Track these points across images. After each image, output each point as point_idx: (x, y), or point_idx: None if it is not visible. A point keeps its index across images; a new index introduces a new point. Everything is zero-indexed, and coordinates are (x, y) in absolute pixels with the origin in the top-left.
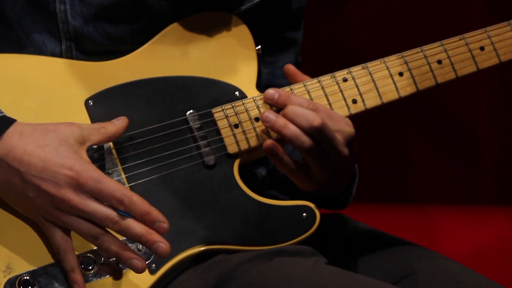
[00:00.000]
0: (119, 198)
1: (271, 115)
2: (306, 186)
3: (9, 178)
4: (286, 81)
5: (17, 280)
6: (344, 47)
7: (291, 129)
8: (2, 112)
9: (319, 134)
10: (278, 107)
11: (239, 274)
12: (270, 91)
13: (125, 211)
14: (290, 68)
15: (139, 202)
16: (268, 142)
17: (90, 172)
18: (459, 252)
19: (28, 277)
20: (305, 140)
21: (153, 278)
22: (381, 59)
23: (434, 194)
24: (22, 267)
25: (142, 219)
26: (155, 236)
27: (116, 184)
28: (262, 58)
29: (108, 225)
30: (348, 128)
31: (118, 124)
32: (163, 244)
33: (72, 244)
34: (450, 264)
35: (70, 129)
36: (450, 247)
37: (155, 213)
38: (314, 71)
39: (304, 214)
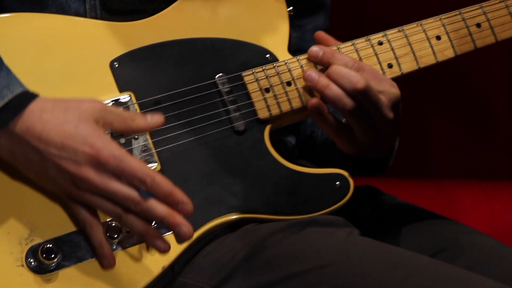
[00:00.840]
0: (141, 177)
1: (313, 73)
2: (348, 148)
3: (28, 156)
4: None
5: (40, 248)
6: (369, 12)
7: (334, 90)
8: (24, 87)
9: (363, 97)
10: (322, 66)
11: (270, 245)
12: (314, 48)
13: (148, 192)
14: (321, 34)
15: (163, 183)
16: (314, 100)
17: (112, 150)
18: (475, 227)
19: (51, 245)
20: (348, 102)
21: (180, 248)
22: (418, 22)
23: (450, 169)
24: (45, 234)
25: (165, 200)
26: (177, 218)
27: (139, 163)
28: (291, 22)
29: (130, 206)
30: (393, 89)
31: (151, 121)
32: (185, 227)
33: (98, 218)
34: (486, 239)
35: (93, 106)
36: (466, 222)
37: (179, 194)
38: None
39: (338, 183)
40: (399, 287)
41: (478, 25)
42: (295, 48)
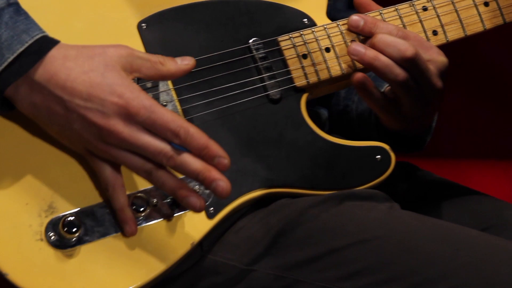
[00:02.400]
0: (174, 130)
1: (359, 47)
2: (393, 123)
3: (51, 107)
4: (348, 15)
5: (61, 221)
6: None
7: (383, 61)
8: (44, 32)
9: (412, 65)
10: (364, 36)
11: (307, 219)
12: (355, 17)
13: (181, 145)
14: None
15: (197, 135)
16: (359, 75)
17: (142, 101)
18: None
19: (73, 218)
20: (399, 72)
21: (211, 223)
22: None
23: (469, 150)
24: (67, 206)
25: (200, 154)
26: (214, 173)
27: (171, 114)
28: None
29: (162, 161)
30: (441, 57)
31: (181, 65)
32: (223, 182)
33: (122, 179)
34: None
35: (119, 53)
36: None
37: (215, 147)
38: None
39: (378, 156)
40: (449, 261)
41: None
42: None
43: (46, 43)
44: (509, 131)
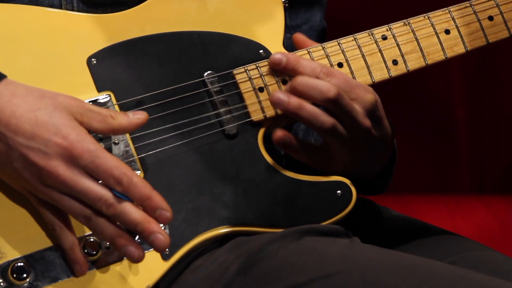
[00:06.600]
0: (117, 177)
1: (282, 95)
2: (330, 169)
3: None
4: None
5: (10, 267)
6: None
7: (308, 110)
8: None
9: (336, 107)
10: (288, 74)
11: (266, 255)
12: (277, 56)
13: (123, 193)
14: (299, 37)
15: (140, 184)
16: (279, 133)
17: (87, 144)
18: None
19: (22, 263)
20: (325, 120)
21: (166, 265)
22: (425, 15)
23: (411, 184)
24: (15, 251)
25: (142, 204)
26: (153, 226)
27: (115, 161)
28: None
29: (101, 208)
30: (368, 95)
31: (133, 119)
32: (161, 236)
33: (69, 218)
34: (493, 254)
35: (69, 101)
36: None
37: (157, 199)
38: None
39: (339, 192)
40: None
41: (491, 18)
42: (290, 51)
43: None
44: (448, 167)
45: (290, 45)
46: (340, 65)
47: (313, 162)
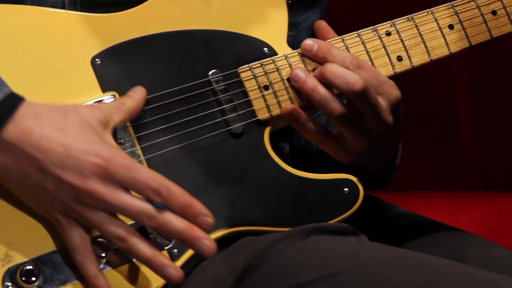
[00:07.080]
0: (156, 188)
1: (301, 73)
2: (340, 157)
3: (23, 168)
4: None
5: (19, 270)
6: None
7: (320, 93)
8: (8, 87)
9: (360, 100)
10: (317, 62)
11: (273, 254)
12: (309, 41)
13: (163, 204)
14: (322, 24)
15: (179, 193)
16: (288, 106)
17: (121, 159)
18: None
19: (31, 266)
20: (335, 107)
21: None
22: (428, 10)
23: (414, 182)
24: (23, 254)
25: (183, 212)
26: (198, 232)
27: (151, 173)
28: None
29: (143, 221)
30: (394, 91)
31: (137, 96)
32: (208, 242)
33: (91, 246)
34: (503, 251)
35: (91, 111)
36: None
37: (198, 206)
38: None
39: (346, 189)
40: None
41: (494, 12)
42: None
43: (14, 100)
44: (452, 164)
45: (291, 42)
46: None
47: (322, 145)
